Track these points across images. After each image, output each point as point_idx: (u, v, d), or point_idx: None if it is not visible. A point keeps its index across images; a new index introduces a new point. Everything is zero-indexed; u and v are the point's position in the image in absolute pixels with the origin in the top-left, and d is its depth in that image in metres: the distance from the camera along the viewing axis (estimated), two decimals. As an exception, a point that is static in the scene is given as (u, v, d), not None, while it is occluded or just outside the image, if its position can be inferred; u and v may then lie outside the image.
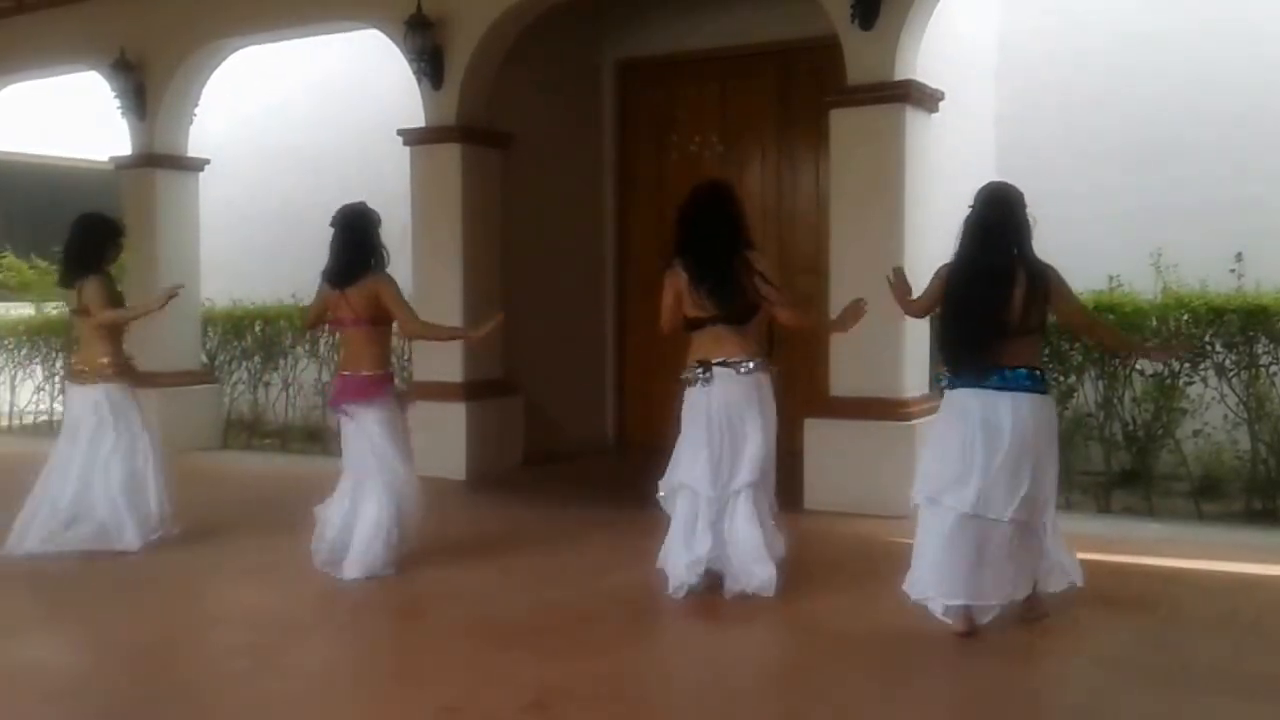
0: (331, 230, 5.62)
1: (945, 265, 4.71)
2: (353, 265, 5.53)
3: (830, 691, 4.08)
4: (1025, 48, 8.03)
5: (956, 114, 7.22)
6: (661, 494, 5.22)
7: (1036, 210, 4.62)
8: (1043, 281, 4.46)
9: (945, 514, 4.48)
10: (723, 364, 5.05)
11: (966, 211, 4.62)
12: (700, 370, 5.09)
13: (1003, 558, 4.47)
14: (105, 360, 6.17)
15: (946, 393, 4.65)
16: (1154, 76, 7.61)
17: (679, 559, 5.07)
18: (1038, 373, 4.54)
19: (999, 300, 4.42)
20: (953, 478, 4.47)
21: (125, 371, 6.29)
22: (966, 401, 4.50)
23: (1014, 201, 4.56)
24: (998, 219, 4.51)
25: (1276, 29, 7.35)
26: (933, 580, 4.50)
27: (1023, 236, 4.51)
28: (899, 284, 5.04)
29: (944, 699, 4.03)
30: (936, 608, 4.51)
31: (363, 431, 5.55)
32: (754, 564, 5.03)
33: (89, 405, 6.15)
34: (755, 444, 5.05)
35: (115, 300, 6.25)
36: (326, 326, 6.07)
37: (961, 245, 4.60)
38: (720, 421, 5.06)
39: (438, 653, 4.60)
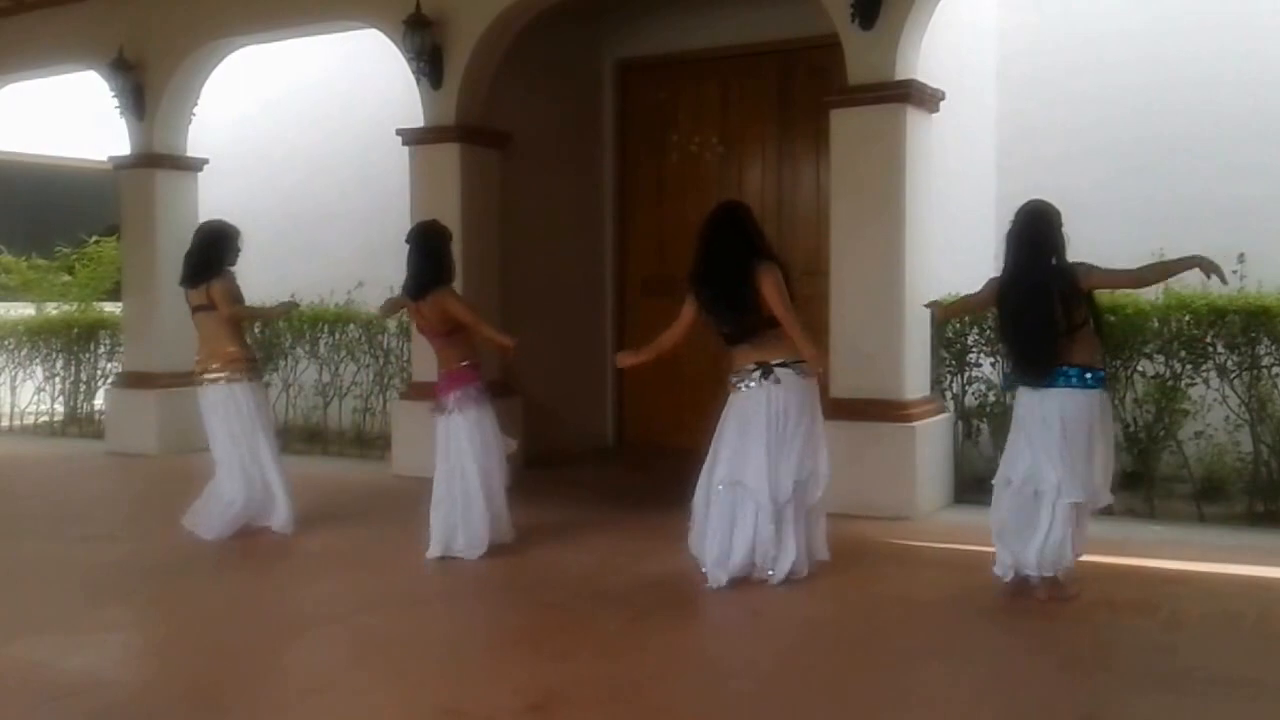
0: (406, 245, 5.95)
1: (995, 278, 5.13)
2: (423, 279, 5.84)
3: (832, 692, 4.07)
4: (1026, 47, 8.00)
5: (957, 114, 7.20)
6: (719, 487, 5.26)
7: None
8: (1071, 284, 4.83)
9: (1009, 495, 5.02)
10: (782, 365, 5.17)
11: (1008, 227, 5.05)
12: (758, 372, 5.16)
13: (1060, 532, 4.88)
14: (233, 350, 6.46)
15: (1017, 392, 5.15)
16: (1155, 76, 7.58)
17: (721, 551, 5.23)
18: (1088, 372, 4.90)
19: (1045, 311, 4.81)
20: (1021, 465, 4.97)
21: (250, 362, 6.61)
22: (1028, 399, 5.00)
23: (1050, 218, 4.96)
24: (1033, 236, 4.94)
25: (1278, 27, 7.33)
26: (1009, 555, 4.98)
27: (1058, 251, 4.93)
28: (952, 305, 5.82)
29: (946, 700, 4.01)
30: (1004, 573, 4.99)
31: (460, 423, 5.83)
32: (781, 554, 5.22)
33: (216, 403, 6.43)
34: (800, 443, 5.21)
35: (240, 297, 6.52)
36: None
37: (1006, 261, 5.04)
38: (777, 420, 5.16)
39: (438, 654, 4.59)
